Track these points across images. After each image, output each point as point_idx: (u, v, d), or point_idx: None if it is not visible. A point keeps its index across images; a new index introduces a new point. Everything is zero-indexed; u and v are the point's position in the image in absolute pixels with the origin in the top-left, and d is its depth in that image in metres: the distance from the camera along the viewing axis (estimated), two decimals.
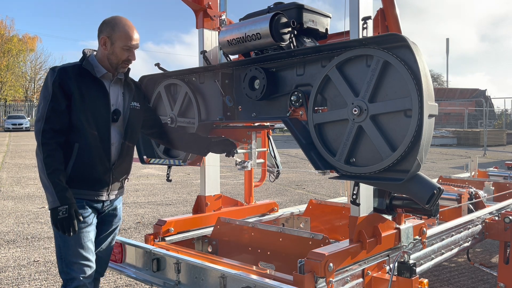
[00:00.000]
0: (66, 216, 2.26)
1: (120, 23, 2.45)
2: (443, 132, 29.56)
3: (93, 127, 2.41)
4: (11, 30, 48.21)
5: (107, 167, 2.48)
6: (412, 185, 2.05)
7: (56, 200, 2.26)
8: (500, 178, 6.07)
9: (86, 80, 2.42)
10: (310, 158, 2.36)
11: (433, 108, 2.02)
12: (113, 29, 2.43)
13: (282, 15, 2.62)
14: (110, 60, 2.46)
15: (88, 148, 2.41)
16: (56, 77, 2.35)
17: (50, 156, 2.29)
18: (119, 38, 2.43)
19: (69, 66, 2.43)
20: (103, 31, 2.45)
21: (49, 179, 2.27)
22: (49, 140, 2.31)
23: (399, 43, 2.05)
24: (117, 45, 2.43)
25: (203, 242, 3.51)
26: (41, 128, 2.31)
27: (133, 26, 2.48)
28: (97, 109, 2.43)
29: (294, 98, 2.45)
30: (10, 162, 14.75)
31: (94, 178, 2.46)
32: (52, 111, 2.33)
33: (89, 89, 2.42)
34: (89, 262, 2.44)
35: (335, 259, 2.34)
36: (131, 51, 2.48)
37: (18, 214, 7.31)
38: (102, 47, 2.46)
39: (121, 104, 2.56)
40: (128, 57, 2.47)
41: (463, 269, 4.86)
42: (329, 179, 3.06)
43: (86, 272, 2.42)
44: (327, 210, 4.03)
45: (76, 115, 2.38)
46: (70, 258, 2.39)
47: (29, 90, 51.35)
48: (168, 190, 9.87)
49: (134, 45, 2.48)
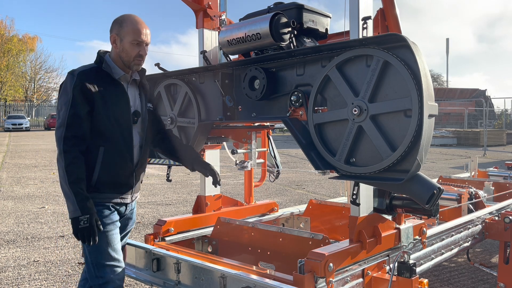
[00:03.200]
0: (87, 226, 2.23)
1: (128, 19, 2.42)
2: (443, 132, 29.56)
3: (116, 130, 2.39)
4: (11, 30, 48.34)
5: (131, 169, 2.48)
6: (412, 185, 2.05)
7: (78, 209, 2.22)
8: (500, 178, 6.07)
9: (105, 82, 2.39)
10: (310, 158, 2.36)
11: (433, 108, 2.02)
12: (121, 26, 2.41)
13: (282, 15, 2.62)
14: (122, 58, 2.43)
15: (113, 152, 2.39)
16: (76, 82, 2.30)
17: (72, 164, 2.25)
18: (127, 34, 2.39)
19: (87, 69, 2.39)
20: (112, 30, 2.44)
21: (71, 188, 2.23)
22: (71, 147, 2.26)
23: (399, 43, 2.05)
24: (126, 40, 2.40)
25: (203, 242, 3.51)
26: (62, 135, 2.26)
27: (141, 21, 2.44)
28: (119, 111, 2.41)
29: (294, 98, 2.45)
30: (10, 162, 14.75)
31: (120, 181, 2.45)
32: (73, 117, 2.28)
33: (110, 92, 2.39)
34: (120, 263, 2.43)
35: (335, 259, 2.34)
36: (141, 45, 2.43)
37: (18, 214, 7.30)
38: (113, 45, 2.44)
39: (139, 106, 2.55)
40: (139, 52, 2.42)
41: (463, 269, 4.86)
42: (329, 179, 3.06)
43: (119, 274, 2.41)
44: (327, 210, 4.03)
45: (99, 119, 2.34)
46: (101, 261, 2.37)
47: (29, 90, 51.37)
48: (168, 190, 9.87)
49: (143, 39, 2.42)
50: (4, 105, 44.36)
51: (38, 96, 51.44)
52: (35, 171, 12.59)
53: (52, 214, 7.38)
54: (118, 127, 2.40)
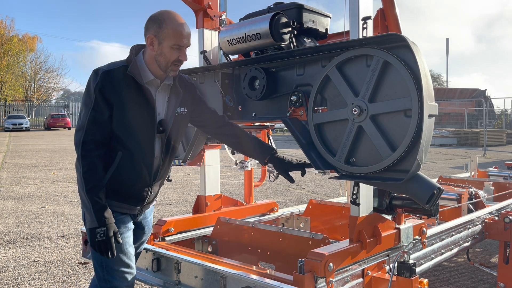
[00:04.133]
0: (104, 239, 2.09)
1: (169, 19, 2.15)
2: (443, 132, 29.57)
3: (136, 139, 2.20)
4: (11, 30, 48.35)
5: (148, 182, 2.30)
6: (412, 185, 2.05)
7: (95, 220, 2.08)
8: (500, 178, 6.07)
9: (130, 86, 2.16)
10: (310, 158, 2.36)
11: (433, 108, 2.02)
12: (161, 26, 2.14)
13: (282, 15, 2.62)
14: (158, 61, 2.19)
15: (131, 160, 2.20)
16: (98, 82, 2.11)
17: (89, 171, 2.09)
18: (167, 36, 2.14)
19: (113, 69, 2.17)
20: (149, 29, 2.17)
21: (88, 197, 2.08)
22: (89, 152, 2.10)
23: (399, 43, 2.05)
24: (166, 44, 2.15)
25: (203, 242, 3.51)
26: (81, 139, 2.11)
27: (183, 22, 2.19)
28: (141, 119, 2.19)
29: (294, 98, 2.45)
30: (10, 162, 14.75)
31: (133, 193, 2.28)
32: (93, 122, 2.11)
33: (134, 97, 2.17)
34: (130, 269, 2.28)
35: (335, 259, 2.34)
36: (181, 50, 2.19)
37: (18, 214, 7.30)
38: (150, 47, 2.18)
39: (166, 113, 2.31)
40: (178, 58, 2.19)
41: (463, 269, 4.86)
42: (329, 179, 3.07)
43: (128, 280, 2.27)
44: (327, 210, 4.03)
45: (118, 126, 2.16)
46: (112, 265, 2.22)
47: (29, 90, 51.36)
48: (168, 190, 9.87)
49: (185, 43, 2.18)
50: (4, 105, 44.37)
51: (38, 96, 51.44)
52: (35, 171, 12.59)
53: (52, 214, 7.39)
54: (139, 135, 2.20)
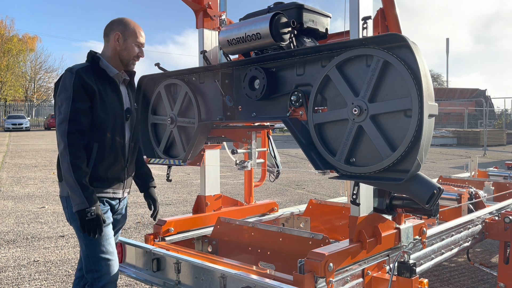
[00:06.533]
0: (94, 217, 2.31)
1: (131, 22, 2.64)
2: (443, 132, 29.56)
3: (111, 126, 2.51)
4: (11, 30, 48.30)
5: (123, 165, 2.61)
6: (412, 185, 2.05)
7: (85, 201, 2.29)
8: (500, 178, 6.07)
9: (102, 79, 2.52)
10: (310, 158, 2.36)
11: (433, 108, 2.02)
12: (126, 27, 2.60)
13: (282, 15, 2.61)
14: (121, 56, 2.60)
15: (107, 147, 2.50)
16: (76, 78, 2.40)
17: (77, 158, 2.32)
18: (132, 34, 2.59)
19: (85, 67, 2.50)
20: (115, 29, 2.59)
21: (77, 181, 2.30)
22: (75, 141, 2.34)
23: (399, 43, 2.05)
24: (130, 41, 2.59)
25: (203, 242, 3.51)
26: (66, 129, 2.33)
27: (139, 26, 2.69)
28: (114, 108, 2.54)
29: (294, 98, 2.45)
30: (10, 162, 14.75)
31: (112, 176, 2.55)
32: (75, 112, 2.36)
33: (106, 89, 2.52)
34: (114, 257, 2.52)
35: (335, 259, 2.34)
36: (140, 48, 2.65)
37: (18, 214, 7.30)
38: (115, 43, 2.58)
39: (129, 104, 2.70)
40: (138, 54, 2.64)
41: (463, 269, 4.86)
42: (329, 179, 3.06)
43: (114, 268, 2.49)
44: (327, 210, 4.03)
45: (97, 114, 2.45)
46: (98, 254, 2.45)
47: (29, 90, 51.37)
48: (168, 190, 9.87)
49: (143, 42, 2.67)
50: (4, 105, 44.36)
51: (38, 96, 51.44)
52: (35, 171, 12.59)
53: (52, 214, 7.38)
54: (113, 122, 2.52)
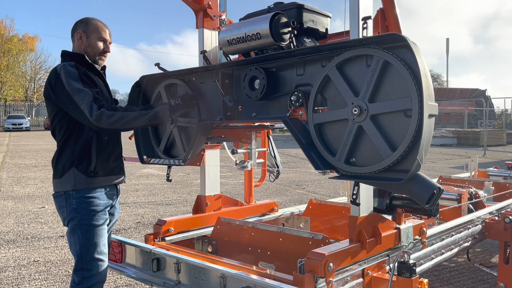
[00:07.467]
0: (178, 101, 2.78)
1: (93, 19, 2.72)
2: (443, 132, 29.55)
3: None
4: (11, 30, 48.29)
5: (118, 152, 2.75)
6: (412, 185, 2.05)
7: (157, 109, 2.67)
8: (500, 178, 6.07)
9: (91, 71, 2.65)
10: (310, 158, 2.36)
11: (433, 108, 2.02)
12: (87, 24, 2.69)
13: (282, 15, 2.61)
14: (87, 53, 2.67)
15: (105, 136, 2.62)
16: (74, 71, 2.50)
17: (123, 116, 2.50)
18: (93, 31, 2.68)
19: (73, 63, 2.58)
20: (77, 28, 2.69)
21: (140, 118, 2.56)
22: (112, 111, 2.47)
23: (399, 43, 2.05)
24: (93, 37, 2.67)
25: (203, 242, 3.51)
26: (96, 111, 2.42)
27: (103, 23, 2.76)
28: (106, 97, 2.68)
29: (294, 98, 2.45)
30: (10, 162, 14.75)
31: (113, 163, 2.68)
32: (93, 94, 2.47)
33: (97, 79, 2.67)
34: (106, 259, 2.60)
35: (335, 259, 2.34)
36: (105, 43, 2.72)
37: (18, 214, 7.31)
38: (78, 41, 2.67)
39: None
40: (104, 49, 2.71)
41: (463, 269, 4.86)
42: (329, 179, 3.06)
43: (104, 269, 2.56)
44: (327, 210, 4.03)
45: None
46: (92, 254, 2.49)
47: (29, 90, 51.39)
48: (168, 190, 9.87)
49: (108, 37, 2.73)
50: (4, 105, 44.37)
51: (38, 96, 51.41)
52: (35, 171, 12.59)
53: (52, 214, 7.38)
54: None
